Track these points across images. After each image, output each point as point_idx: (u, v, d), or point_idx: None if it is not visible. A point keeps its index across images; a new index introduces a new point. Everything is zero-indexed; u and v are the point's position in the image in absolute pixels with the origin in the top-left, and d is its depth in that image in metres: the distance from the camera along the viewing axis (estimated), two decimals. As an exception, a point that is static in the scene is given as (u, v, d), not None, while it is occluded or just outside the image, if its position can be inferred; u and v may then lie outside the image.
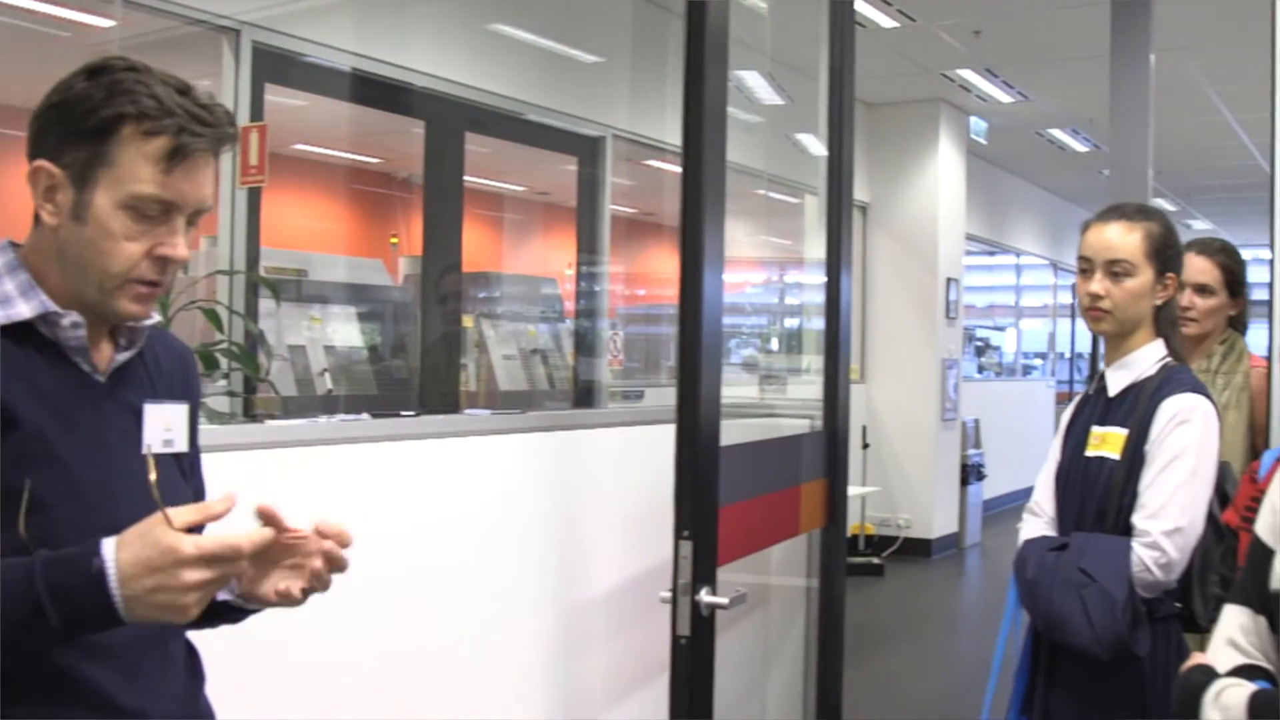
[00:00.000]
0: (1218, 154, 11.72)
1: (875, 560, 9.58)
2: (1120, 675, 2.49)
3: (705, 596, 2.48)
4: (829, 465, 3.41)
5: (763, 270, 10.32)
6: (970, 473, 10.85)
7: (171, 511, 1.35)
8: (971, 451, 10.96)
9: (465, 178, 6.61)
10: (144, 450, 1.57)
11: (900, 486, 10.30)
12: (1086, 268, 2.69)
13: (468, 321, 6.53)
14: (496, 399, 6.33)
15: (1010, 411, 12.85)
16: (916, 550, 10.23)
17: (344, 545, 1.53)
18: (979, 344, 14.91)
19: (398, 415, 2.64)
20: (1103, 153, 10.86)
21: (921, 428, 10.31)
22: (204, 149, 1.52)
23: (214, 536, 1.36)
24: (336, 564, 1.53)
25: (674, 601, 2.49)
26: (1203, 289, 3.44)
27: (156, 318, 1.63)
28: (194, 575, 1.34)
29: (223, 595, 1.61)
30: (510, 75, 6.36)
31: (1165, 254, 2.67)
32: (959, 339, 10.86)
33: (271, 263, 5.60)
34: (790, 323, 9.54)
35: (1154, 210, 2.77)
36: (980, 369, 14.47)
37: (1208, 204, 15.27)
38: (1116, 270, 2.64)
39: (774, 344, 10.04)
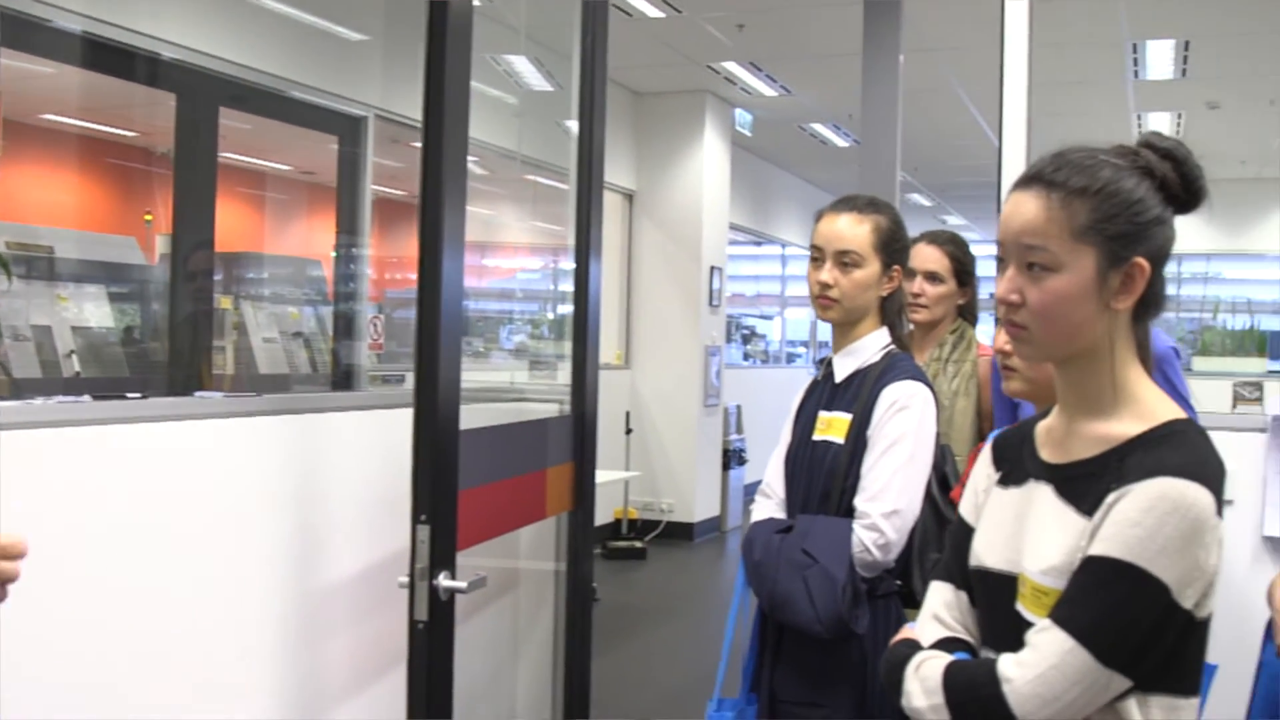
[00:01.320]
0: (967, 152, 12.21)
1: (638, 544, 9.70)
2: (841, 652, 2.57)
3: (443, 581, 2.47)
4: (576, 449, 3.43)
5: (536, 256, 10.33)
6: (732, 458, 11.10)
7: None
8: (733, 437, 11.21)
9: (223, 155, 6.40)
10: None
11: (663, 471, 10.44)
12: (818, 256, 2.77)
13: (225, 303, 6.32)
14: (255, 382, 6.16)
15: (772, 397, 13.08)
16: (679, 534, 10.40)
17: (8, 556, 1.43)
18: (745, 332, 15.22)
19: (123, 397, 2.54)
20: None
21: (684, 414, 10.48)
22: None
23: None
24: None
25: (411, 586, 2.47)
26: (932, 276, 3.60)
27: None
28: None
29: None
30: (269, 50, 6.18)
31: (893, 247, 2.77)
32: (722, 326, 11.07)
33: (12, 237, 5.32)
34: (564, 309, 9.57)
35: (884, 204, 2.86)
36: (746, 356, 14.77)
37: (960, 200, 15.93)
38: (845, 261, 2.72)
39: (545, 329, 10.05)
